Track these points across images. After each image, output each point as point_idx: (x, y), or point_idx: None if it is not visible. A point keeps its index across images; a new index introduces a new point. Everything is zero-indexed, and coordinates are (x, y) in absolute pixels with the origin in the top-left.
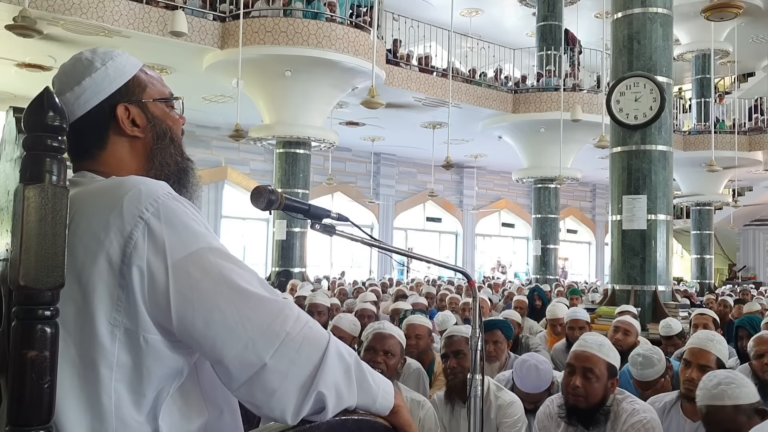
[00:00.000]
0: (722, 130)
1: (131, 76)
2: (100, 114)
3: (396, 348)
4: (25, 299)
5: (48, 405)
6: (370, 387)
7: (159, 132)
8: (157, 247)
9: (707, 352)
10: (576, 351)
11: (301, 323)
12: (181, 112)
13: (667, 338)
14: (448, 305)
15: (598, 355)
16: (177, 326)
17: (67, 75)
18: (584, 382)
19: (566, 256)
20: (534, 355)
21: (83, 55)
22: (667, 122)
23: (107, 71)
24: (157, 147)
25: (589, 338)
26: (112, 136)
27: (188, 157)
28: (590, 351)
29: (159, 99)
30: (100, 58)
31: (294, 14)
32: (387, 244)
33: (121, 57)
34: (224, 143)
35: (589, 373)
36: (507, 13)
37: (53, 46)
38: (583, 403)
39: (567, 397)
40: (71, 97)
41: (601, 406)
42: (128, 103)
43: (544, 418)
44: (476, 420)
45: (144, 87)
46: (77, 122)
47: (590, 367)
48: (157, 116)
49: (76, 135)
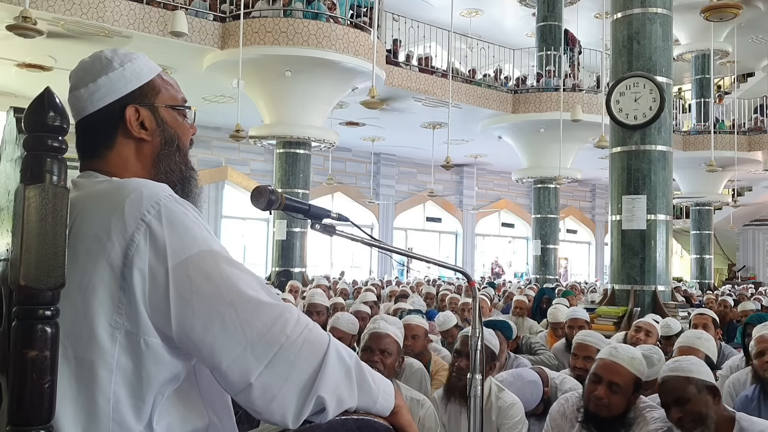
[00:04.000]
0: (722, 130)
1: (147, 80)
2: (110, 113)
3: (392, 346)
4: (25, 299)
5: (48, 405)
6: (371, 388)
7: (167, 138)
8: (158, 250)
9: (695, 349)
10: (605, 360)
11: (300, 326)
12: (192, 122)
13: (667, 338)
14: (448, 305)
15: (627, 368)
16: (176, 329)
17: (85, 71)
18: (608, 393)
19: (566, 256)
20: (520, 375)
21: (103, 53)
22: (666, 122)
23: (124, 72)
24: (163, 152)
25: (621, 349)
26: (120, 136)
27: (192, 167)
28: (621, 363)
29: (170, 105)
30: (119, 59)
31: (294, 14)
32: (387, 244)
33: (140, 60)
34: (224, 143)
35: (615, 386)
36: (507, 13)
37: (53, 47)
38: (605, 413)
39: (588, 404)
40: (85, 93)
41: (622, 417)
42: (139, 106)
43: (558, 416)
44: (476, 420)
45: (158, 91)
46: (88, 119)
47: (617, 381)
48: (167, 122)
49: (85, 131)
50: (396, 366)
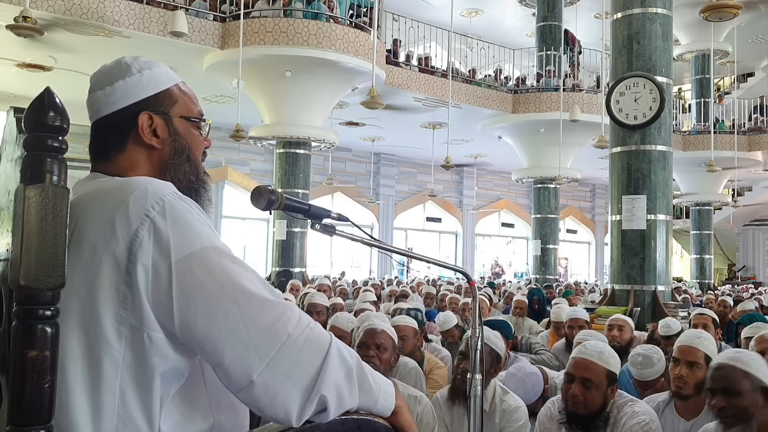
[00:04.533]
0: (722, 131)
1: (164, 88)
2: (124, 117)
3: (388, 342)
4: (25, 299)
5: (48, 405)
6: (371, 388)
7: (177, 147)
8: (161, 246)
9: (695, 348)
10: (575, 359)
11: (302, 325)
12: (206, 135)
13: (667, 338)
14: (448, 305)
15: (597, 363)
16: (179, 325)
17: (104, 74)
18: (583, 391)
19: (566, 256)
20: (522, 368)
21: (124, 59)
22: (666, 122)
23: (141, 78)
24: (172, 161)
25: (589, 345)
26: (132, 141)
27: (203, 179)
28: (589, 359)
29: (185, 116)
30: (138, 65)
31: (294, 14)
32: (387, 244)
33: (160, 68)
34: (224, 143)
35: (588, 382)
36: (507, 13)
37: (54, 47)
38: (583, 410)
39: (566, 404)
40: (102, 96)
41: (600, 412)
42: (153, 113)
43: (546, 420)
44: (476, 420)
45: (174, 101)
46: (102, 121)
47: (588, 376)
48: (180, 132)
49: (99, 133)
50: (392, 361)
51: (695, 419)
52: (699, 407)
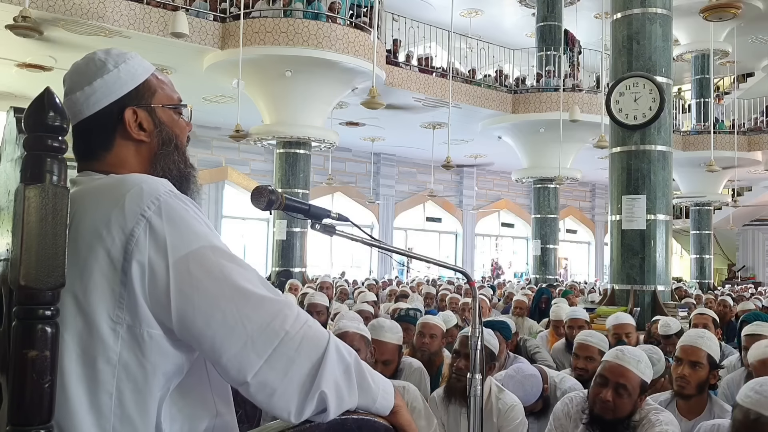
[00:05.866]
0: (721, 131)
1: (142, 80)
2: (108, 116)
3: (360, 343)
4: (25, 299)
5: (48, 405)
6: (370, 387)
7: (165, 138)
8: (158, 245)
9: (698, 348)
10: (612, 363)
11: (300, 322)
12: (188, 119)
13: (666, 338)
14: (448, 305)
15: (634, 371)
16: (177, 324)
17: (79, 74)
18: (615, 397)
19: (566, 256)
20: (521, 369)
21: (96, 55)
22: (666, 122)
23: (119, 74)
24: (161, 152)
25: (628, 352)
26: (119, 138)
27: (191, 164)
28: (627, 366)
29: (167, 105)
30: (113, 60)
31: (294, 15)
32: (387, 244)
33: (134, 60)
34: (224, 143)
35: (622, 389)
36: (507, 13)
37: (54, 47)
38: (610, 415)
39: (593, 406)
40: (81, 97)
41: (626, 419)
42: (137, 107)
43: (562, 416)
44: (476, 420)
45: (153, 92)
46: (85, 122)
47: (623, 383)
48: (164, 122)
49: (83, 134)
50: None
51: (697, 419)
52: (701, 407)
